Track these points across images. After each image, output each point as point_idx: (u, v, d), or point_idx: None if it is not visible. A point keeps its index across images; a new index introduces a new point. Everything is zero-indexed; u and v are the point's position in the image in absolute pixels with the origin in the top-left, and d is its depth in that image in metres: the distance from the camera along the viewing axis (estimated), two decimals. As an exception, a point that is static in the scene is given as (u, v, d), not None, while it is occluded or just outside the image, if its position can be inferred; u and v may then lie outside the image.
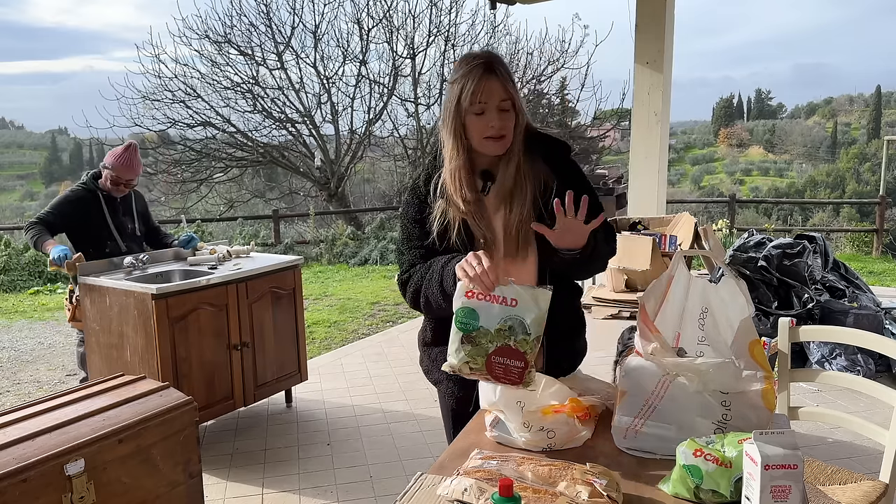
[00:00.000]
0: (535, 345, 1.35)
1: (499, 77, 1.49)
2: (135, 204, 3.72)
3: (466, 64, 1.52)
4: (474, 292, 1.37)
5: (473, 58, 1.52)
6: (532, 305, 1.36)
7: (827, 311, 4.21)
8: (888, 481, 1.80)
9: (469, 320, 1.37)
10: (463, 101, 1.49)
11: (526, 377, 1.33)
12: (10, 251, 8.59)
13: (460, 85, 1.50)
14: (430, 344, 1.69)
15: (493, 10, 10.35)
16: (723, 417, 1.29)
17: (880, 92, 62.35)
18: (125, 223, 3.65)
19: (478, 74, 1.48)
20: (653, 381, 1.33)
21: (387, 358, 4.78)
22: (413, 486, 1.20)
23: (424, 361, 1.74)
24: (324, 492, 2.92)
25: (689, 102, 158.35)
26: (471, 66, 1.50)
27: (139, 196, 3.82)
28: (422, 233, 1.60)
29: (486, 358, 1.34)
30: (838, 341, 2.21)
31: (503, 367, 1.34)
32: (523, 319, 1.35)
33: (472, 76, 1.49)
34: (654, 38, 5.71)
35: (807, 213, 20.83)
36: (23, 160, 71.93)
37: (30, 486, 1.77)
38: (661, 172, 6.03)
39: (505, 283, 1.37)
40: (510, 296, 1.36)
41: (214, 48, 12.84)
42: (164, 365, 3.03)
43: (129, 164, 3.50)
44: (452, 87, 1.53)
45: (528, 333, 1.34)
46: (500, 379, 1.34)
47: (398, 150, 14.86)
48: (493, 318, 1.36)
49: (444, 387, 1.69)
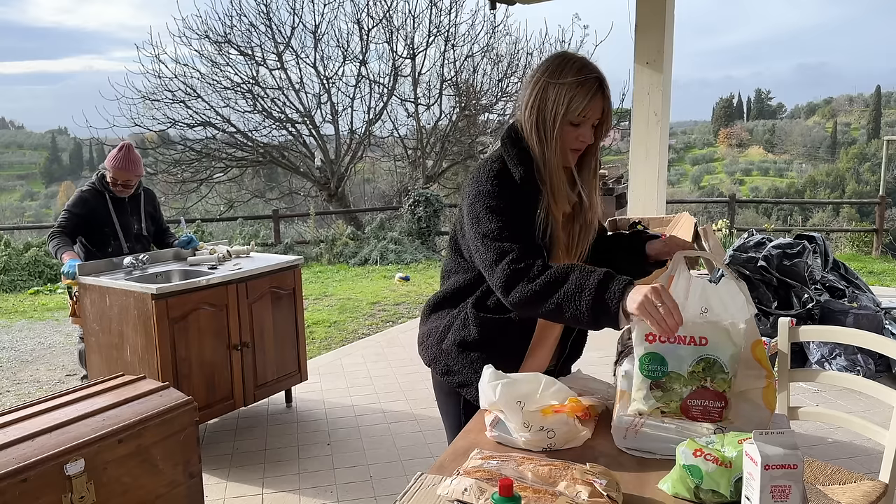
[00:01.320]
0: (734, 380, 1.28)
1: (606, 97, 1.50)
2: (144, 204, 3.75)
3: (579, 72, 1.48)
4: (656, 336, 1.27)
5: (583, 68, 1.49)
6: (726, 342, 1.27)
7: (827, 311, 4.21)
8: (888, 481, 1.80)
9: (655, 367, 1.27)
10: (571, 112, 1.48)
11: (725, 413, 1.27)
12: (10, 251, 8.58)
13: (571, 94, 1.47)
14: (471, 348, 1.60)
15: (493, 11, 10.34)
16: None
17: (880, 92, 62.37)
18: (131, 223, 3.68)
19: (592, 90, 1.47)
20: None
21: (387, 358, 4.78)
22: (413, 486, 1.20)
23: (456, 363, 1.63)
24: (324, 492, 2.92)
25: (689, 102, 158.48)
26: (585, 78, 1.47)
27: (149, 195, 3.84)
28: (530, 223, 1.52)
29: (681, 402, 1.27)
30: (838, 341, 2.21)
31: (701, 409, 1.27)
32: (718, 359, 1.26)
33: (587, 90, 1.47)
34: (654, 38, 5.70)
35: (807, 213, 20.85)
36: (23, 160, 71.96)
37: (30, 486, 1.77)
38: (661, 172, 6.02)
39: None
40: (698, 334, 1.26)
41: (214, 48, 12.87)
42: (164, 365, 3.03)
43: (125, 165, 3.53)
44: (557, 89, 1.48)
45: (725, 373, 1.26)
46: (696, 419, 1.27)
47: (398, 150, 14.87)
48: (684, 361, 1.26)
49: (470, 390, 1.60)
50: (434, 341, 1.68)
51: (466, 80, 14.05)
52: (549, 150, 1.51)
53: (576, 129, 1.50)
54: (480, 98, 14.16)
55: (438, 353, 1.67)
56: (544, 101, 1.50)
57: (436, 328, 1.68)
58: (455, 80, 13.96)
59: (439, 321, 1.68)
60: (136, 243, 3.68)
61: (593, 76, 1.48)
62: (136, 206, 3.71)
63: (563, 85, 1.48)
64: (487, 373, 1.39)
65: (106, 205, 3.58)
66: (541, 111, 1.50)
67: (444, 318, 1.66)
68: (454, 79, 13.93)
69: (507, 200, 1.51)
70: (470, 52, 13.80)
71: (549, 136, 1.50)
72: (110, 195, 3.59)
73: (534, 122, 1.51)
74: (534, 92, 1.51)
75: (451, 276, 1.67)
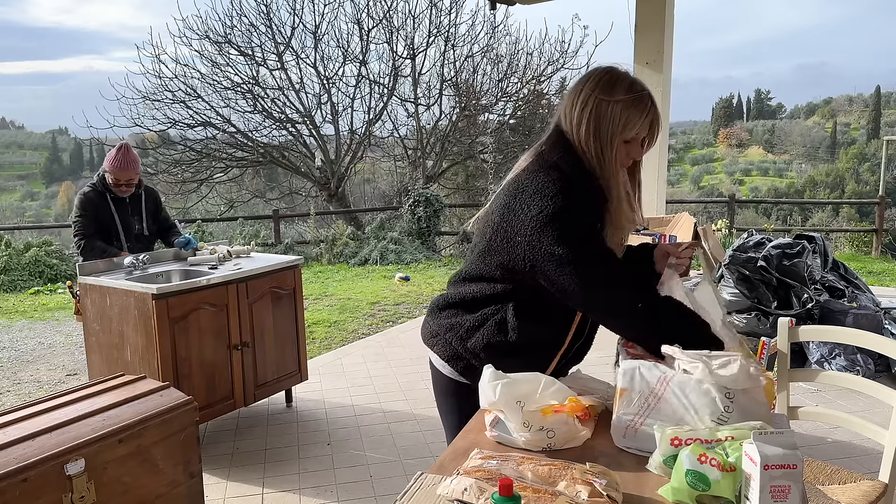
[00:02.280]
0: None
1: (657, 113, 1.52)
2: (145, 203, 3.77)
3: (630, 89, 1.49)
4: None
5: (634, 84, 1.50)
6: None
7: (826, 311, 4.21)
8: (888, 481, 1.80)
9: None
10: (630, 130, 1.49)
11: None
12: (10, 251, 8.58)
13: (627, 112, 1.48)
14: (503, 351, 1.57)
15: (493, 11, 10.36)
16: (725, 410, 1.29)
17: (880, 92, 62.39)
18: (132, 223, 3.71)
19: (647, 108, 1.49)
20: (652, 378, 1.33)
21: (387, 358, 4.78)
22: (413, 486, 1.20)
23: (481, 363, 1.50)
24: (324, 492, 2.92)
25: (690, 102, 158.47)
26: (641, 96, 1.49)
27: (150, 194, 3.86)
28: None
29: None
30: (838, 341, 2.21)
31: None
32: None
33: (643, 108, 1.49)
34: (654, 38, 5.70)
35: (806, 213, 20.84)
36: (23, 160, 71.99)
37: (30, 486, 1.77)
38: (661, 172, 6.02)
39: None
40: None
41: (215, 48, 12.85)
42: (165, 365, 3.03)
43: (123, 165, 3.57)
44: (612, 106, 1.48)
45: None
46: None
47: (398, 151, 14.86)
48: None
49: None
50: (456, 338, 1.64)
51: (466, 80, 14.05)
52: (608, 168, 1.50)
53: (627, 145, 1.51)
54: (480, 98, 14.16)
55: (462, 351, 1.63)
56: (598, 118, 1.49)
57: (458, 324, 1.64)
58: (455, 81, 13.96)
59: (460, 318, 1.64)
60: (136, 243, 3.70)
61: (645, 93, 1.50)
62: (137, 206, 3.74)
63: (617, 103, 1.48)
64: (488, 373, 1.39)
65: (108, 205, 3.63)
66: (596, 129, 1.50)
67: (467, 316, 1.63)
68: (454, 79, 13.93)
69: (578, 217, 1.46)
70: (470, 52, 13.81)
71: (608, 154, 1.49)
72: (111, 196, 3.63)
73: (591, 140, 1.50)
74: (586, 109, 1.50)
75: (477, 281, 1.63)
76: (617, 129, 1.48)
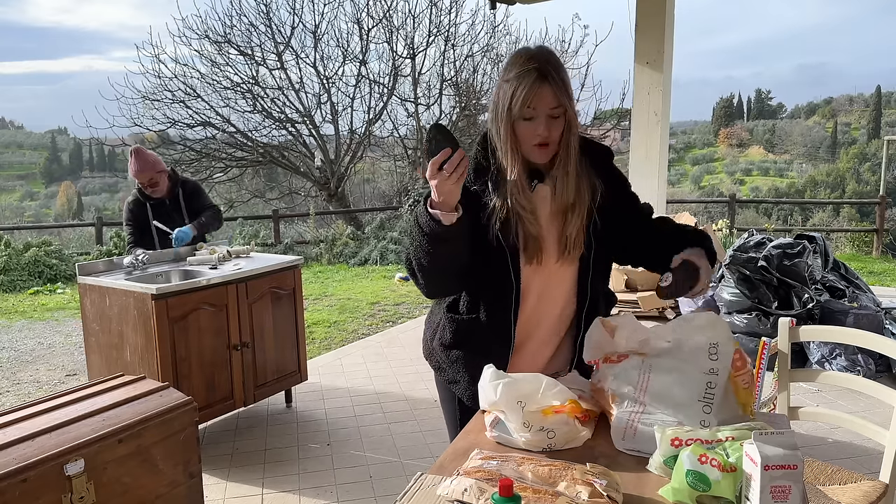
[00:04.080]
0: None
1: (551, 84, 1.42)
2: (184, 202, 3.88)
3: (520, 66, 1.44)
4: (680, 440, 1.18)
5: (527, 59, 1.44)
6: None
7: (827, 311, 4.21)
8: (888, 481, 1.80)
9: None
10: (514, 107, 1.44)
11: None
12: (10, 251, 8.58)
13: (512, 88, 1.44)
14: (451, 348, 1.64)
15: (493, 10, 10.35)
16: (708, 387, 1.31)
17: (880, 92, 62.40)
18: (176, 224, 3.80)
19: (530, 80, 1.42)
20: (634, 375, 1.36)
21: (387, 358, 4.78)
22: (413, 486, 1.19)
23: (444, 361, 1.67)
24: (324, 492, 2.92)
25: (690, 102, 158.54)
26: (523, 70, 1.43)
27: (189, 189, 3.94)
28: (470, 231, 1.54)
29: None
30: (838, 341, 2.21)
31: None
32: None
33: (525, 82, 1.42)
34: (654, 38, 5.70)
35: (807, 213, 20.84)
36: (23, 160, 72.03)
37: (30, 486, 1.77)
38: (661, 172, 6.02)
39: None
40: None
41: (214, 48, 12.86)
42: (164, 365, 3.03)
43: (141, 168, 3.72)
44: (503, 86, 1.46)
45: None
46: None
47: (398, 150, 14.86)
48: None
49: (458, 387, 1.64)
50: (428, 338, 1.74)
51: (466, 79, 14.05)
52: (503, 148, 1.50)
53: (529, 123, 1.46)
54: (480, 98, 14.15)
55: (430, 351, 1.73)
56: (494, 101, 1.50)
57: (430, 323, 1.74)
58: (455, 80, 13.96)
59: (435, 316, 1.73)
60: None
61: (531, 66, 1.42)
62: (177, 206, 3.86)
63: (506, 81, 1.46)
64: (488, 373, 1.39)
65: (146, 212, 3.80)
66: (495, 111, 1.50)
67: (438, 313, 1.71)
68: (454, 79, 13.93)
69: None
70: (470, 51, 13.82)
71: (503, 133, 1.49)
72: (151, 202, 3.80)
73: (492, 124, 1.52)
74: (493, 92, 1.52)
75: None
76: (504, 104, 1.46)
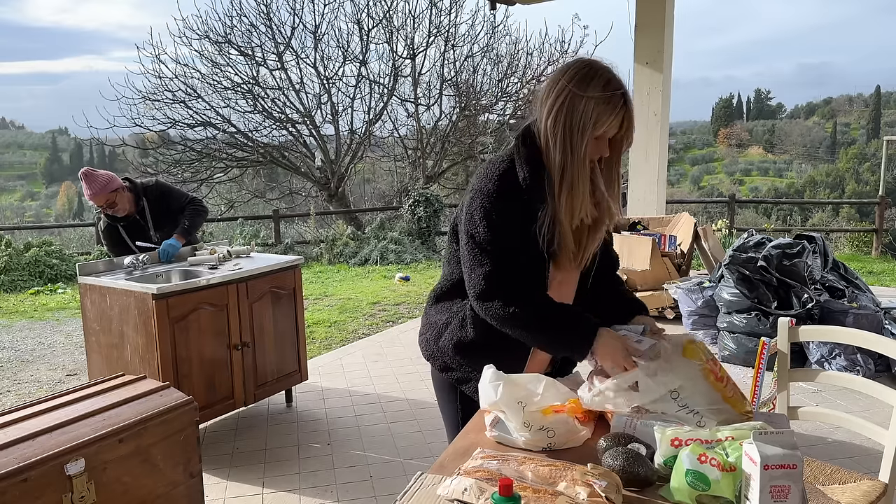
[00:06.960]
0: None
1: (629, 111, 1.49)
2: (150, 212, 3.80)
3: (606, 87, 1.45)
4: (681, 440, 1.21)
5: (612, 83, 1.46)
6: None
7: (826, 311, 4.21)
8: (888, 481, 1.80)
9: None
10: (599, 127, 1.46)
11: None
12: (10, 251, 8.58)
13: (598, 109, 1.44)
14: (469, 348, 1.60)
15: (493, 11, 10.35)
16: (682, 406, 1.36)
17: (880, 92, 62.40)
18: (149, 237, 3.77)
19: (618, 106, 1.46)
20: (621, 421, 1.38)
21: (387, 358, 4.78)
22: (413, 486, 1.20)
23: (454, 361, 1.63)
24: (324, 492, 2.92)
25: (689, 102, 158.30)
26: (614, 93, 1.45)
27: (154, 195, 3.82)
28: (522, 233, 1.51)
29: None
30: (838, 341, 2.21)
31: None
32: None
33: (614, 107, 1.45)
34: (653, 38, 5.71)
35: (806, 213, 20.81)
36: (23, 160, 72.04)
37: (30, 486, 1.77)
38: (661, 172, 6.03)
39: None
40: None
41: (215, 48, 12.86)
42: (165, 365, 3.03)
43: (95, 191, 3.58)
44: (585, 102, 1.44)
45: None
46: None
47: (398, 151, 14.86)
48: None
49: (470, 386, 1.61)
50: (432, 337, 1.68)
51: (466, 80, 14.05)
52: (574, 162, 1.48)
53: (596, 141, 1.49)
54: (480, 98, 14.16)
55: (436, 350, 1.67)
56: (570, 112, 1.46)
57: (434, 323, 1.68)
58: (455, 81, 13.96)
59: (439, 315, 1.68)
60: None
61: (620, 91, 1.46)
62: (144, 218, 3.79)
63: (590, 99, 1.44)
64: (488, 373, 1.39)
65: (117, 231, 3.77)
66: (567, 123, 1.47)
67: (444, 313, 1.66)
68: (454, 79, 13.93)
69: (503, 206, 1.49)
70: (470, 52, 13.82)
71: (577, 148, 1.47)
72: (121, 223, 3.76)
73: (559, 132, 1.47)
74: (558, 100, 1.47)
75: (449, 265, 1.67)
76: (587, 124, 1.45)
